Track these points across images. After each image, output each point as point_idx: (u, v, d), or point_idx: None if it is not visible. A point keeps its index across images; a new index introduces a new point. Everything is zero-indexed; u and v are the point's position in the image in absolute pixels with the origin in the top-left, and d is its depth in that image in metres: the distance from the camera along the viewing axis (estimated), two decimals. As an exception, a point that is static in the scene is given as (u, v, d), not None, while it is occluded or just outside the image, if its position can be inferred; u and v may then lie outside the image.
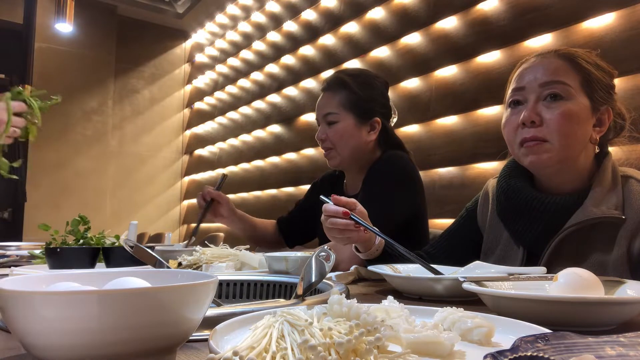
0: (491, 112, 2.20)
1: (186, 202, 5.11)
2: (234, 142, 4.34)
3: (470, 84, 2.31)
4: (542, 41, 2.02)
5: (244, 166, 4.17)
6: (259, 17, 4.03)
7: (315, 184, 1.81)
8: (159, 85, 5.05)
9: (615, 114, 1.02)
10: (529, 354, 0.34)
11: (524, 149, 1.00)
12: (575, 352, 0.36)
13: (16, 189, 3.62)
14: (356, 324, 0.39)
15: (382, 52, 2.83)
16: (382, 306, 0.56)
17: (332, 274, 1.08)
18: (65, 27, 2.85)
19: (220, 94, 4.57)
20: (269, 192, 3.81)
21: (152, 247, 1.29)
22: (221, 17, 4.57)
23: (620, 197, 0.95)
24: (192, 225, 4.97)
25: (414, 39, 2.62)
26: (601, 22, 1.83)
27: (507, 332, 0.52)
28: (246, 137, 4.16)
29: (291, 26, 3.64)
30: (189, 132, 5.14)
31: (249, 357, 0.35)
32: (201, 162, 4.85)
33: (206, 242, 1.52)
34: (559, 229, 0.96)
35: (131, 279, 0.46)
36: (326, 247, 0.69)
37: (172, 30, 5.09)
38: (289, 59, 3.66)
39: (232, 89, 4.39)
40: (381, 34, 2.83)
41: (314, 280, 0.65)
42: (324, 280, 0.73)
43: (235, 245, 1.31)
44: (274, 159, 3.79)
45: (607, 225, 0.94)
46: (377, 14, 2.88)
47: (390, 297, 0.60)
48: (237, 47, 4.34)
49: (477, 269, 0.88)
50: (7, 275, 0.91)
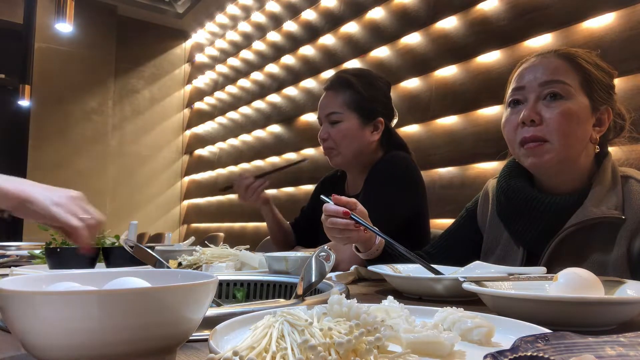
0: (491, 112, 2.20)
1: (186, 202, 5.11)
2: (234, 142, 4.34)
3: (470, 84, 2.31)
4: (542, 41, 2.02)
5: (244, 166, 4.17)
6: (259, 17, 4.03)
7: (317, 187, 1.81)
8: (159, 85, 5.05)
9: (615, 114, 1.02)
10: (529, 354, 0.34)
11: (525, 150, 1.00)
12: (575, 352, 0.36)
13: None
14: (356, 324, 0.39)
15: (382, 52, 2.83)
16: (382, 306, 0.56)
17: (332, 274, 1.08)
18: (65, 27, 2.84)
19: (220, 94, 4.57)
20: (268, 192, 3.81)
21: (152, 247, 1.29)
22: (221, 17, 4.57)
23: (620, 197, 0.95)
24: (193, 225, 4.97)
25: (414, 39, 2.62)
26: (601, 22, 1.83)
27: (507, 332, 0.52)
28: (246, 137, 4.16)
29: (291, 26, 3.64)
30: (189, 132, 5.14)
31: (249, 357, 0.35)
32: (201, 162, 4.85)
33: (206, 242, 1.52)
34: (559, 229, 0.96)
35: (131, 279, 0.46)
36: (326, 247, 0.69)
37: (172, 30, 5.10)
38: (289, 59, 3.66)
39: (232, 89, 4.39)
40: (381, 34, 2.83)
41: (314, 280, 0.65)
42: (324, 280, 0.73)
43: (235, 245, 1.31)
44: (274, 159, 3.79)
45: (607, 225, 0.94)
46: (377, 14, 2.88)
47: (390, 297, 0.60)
48: (237, 47, 4.34)
49: (477, 269, 0.88)
50: (7, 275, 0.91)
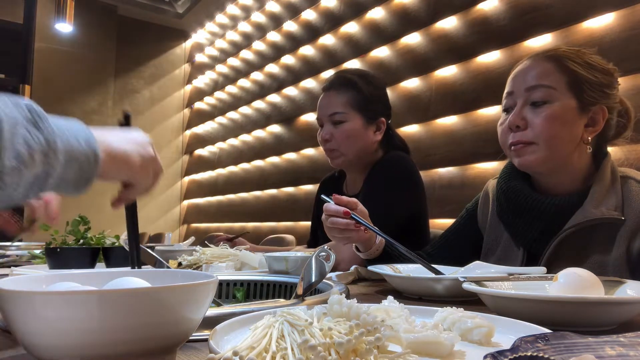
0: (491, 112, 2.20)
1: (186, 202, 5.11)
2: (234, 142, 4.34)
3: (470, 84, 2.31)
4: (542, 41, 2.02)
5: (244, 166, 4.17)
6: (259, 17, 4.03)
7: (318, 190, 1.81)
8: (159, 85, 5.05)
9: (616, 113, 1.02)
10: (529, 354, 0.34)
11: (513, 152, 1.02)
12: (575, 352, 0.36)
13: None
14: (356, 324, 0.39)
15: (382, 52, 2.83)
16: (382, 306, 0.56)
17: (332, 274, 1.08)
18: (65, 27, 2.84)
19: (220, 94, 4.57)
20: (268, 192, 3.81)
21: (152, 247, 1.29)
22: (221, 17, 4.57)
23: (619, 197, 0.95)
24: (193, 225, 4.97)
25: (414, 39, 2.62)
26: (601, 22, 1.83)
27: (507, 332, 0.52)
28: (246, 137, 4.16)
29: (291, 26, 3.64)
30: (189, 132, 5.14)
31: (249, 357, 0.35)
32: (201, 162, 4.85)
33: (206, 242, 1.52)
34: (559, 230, 0.96)
35: (131, 279, 0.46)
36: (326, 247, 0.69)
37: (172, 30, 5.09)
38: (289, 59, 3.66)
39: (232, 89, 4.39)
40: (381, 34, 2.83)
41: (314, 280, 0.65)
42: (324, 280, 0.73)
43: (234, 245, 1.31)
44: (274, 159, 3.79)
45: (607, 226, 0.94)
46: (377, 14, 2.88)
47: (390, 297, 0.60)
48: (237, 47, 4.34)
49: (477, 269, 0.88)
50: (7, 275, 0.91)
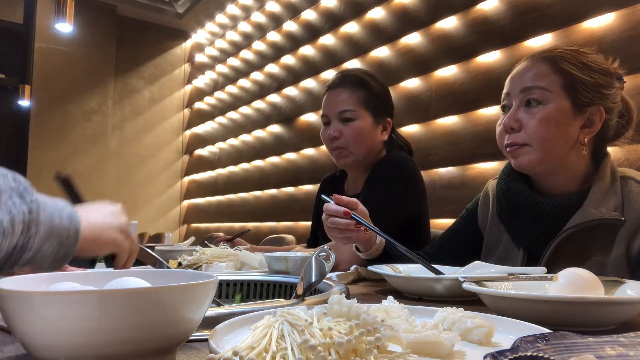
0: (491, 112, 2.20)
1: (186, 202, 5.11)
2: (234, 142, 4.35)
3: (470, 84, 2.31)
4: (542, 41, 2.02)
5: (244, 166, 4.17)
6: (259, 17, 4.03)
7: (319, 190, 1.80)
8: (159, 85, 5.05)
9: (616, 113, 1.01)
10: (529, 354, 0.34)
11: (509, 153, 1.03)
12: (575, 352, 0.36)
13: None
14: (356, 324, 0.39)
15: (382, 52, 2.83)
16: (382, 306, 0.56)
17: (332, 274, 1.08)
18: (65, 27, 2.84)
19: (220, 94, 4.57)
20: (268, 192, 3.82)
21: (152, 247, 1.29)
22: (221, 17, 4.57)
23: (619, 198, 0.95)
24: (193, 225, 4.97)
25: (414, 39, 2.62)
26: (601, 22, 1.83)
27: (507, 332, 0.52)
28: (246, 137, 4.16)
29: (291, 26, 3.64)
30: (189, 132, 5.14)
31: (249, 357, 0.35)
32: (201, 162, 4.85)
33: (206, 242, 1.52)
34: (559, 230, 0.96)
35: (131, 279, 0.46)
36: (326, 247, 0.69)
37: (172, 30, 5.09)
38: (289, 59, 3.66)
39: (232, 89, 4.39)
40: (381, 34, 2.83)
41: (314, 280, 0.65)
42: (324, 280, 0.73)
43: (234, 245, 1.31)
44: (274, 159, 3.79)
45: (607, 226, 0.94)
46: (377, 14, 2.88)
47: (390, 297, 0.60)
48: (237, 47, 4.34)
49: (477, 269, 0.88)
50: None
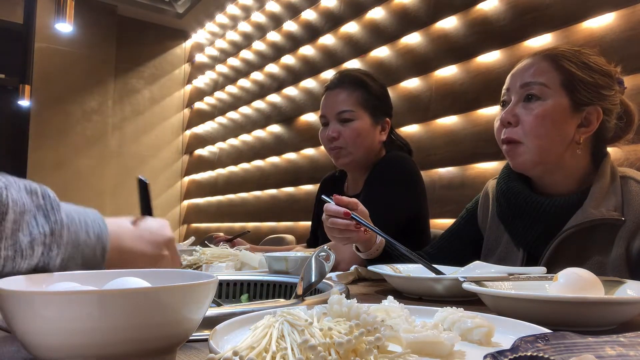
0: (491, 112, 2.20)
1: (186, 202, 5.11)
2: (234, 142, 4.34)
3: (470, 84, 2.31)
4: (542, 41, 2.02)
5: (244, 166, 4.17)
6: (259, 17, 4.03)
7: (318, 190, 1.80)
8: (159, 85, 5.05)
9: (614, 115, 1.01)
10: (529, 354, 0.34)
11: (505, 152, 1.04)
12: (575, 352, 0.36)
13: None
14: (356, 324, 0.39)
15: (382, 52, 2.83)
16: (382, 306, 0.56)
17: (332, 274, 1.08)
18: (65, 27, 2.84)
19: (220, 94, 4.57)
20: (268, 192, 3.81)
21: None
22: (221, 17, 4.57)
23: (619, 198, 0.95)
24: (193, 225, 4.97)
25: (414, 39, 2.62)
26: (601, 22, 1.83)
27: (507, 332, 0.52)
28: (246, 137, 4.16)
29: (291, 26, 3.64)
30: (189, 132, 5.14)
31: (249, 357, 0.35)
32: (201, 162, 4.85)
33: (206, 242, 1.52)
34: (558, 230, 0.96)
35: (131, 279, 0.46)
36: (326, 247, 0.69)
37: (172, 30, 5.09)
38: (289, 59, 3.66)
39: (232, 89, 4.39)
40: (381, 34, 2.83)
41: (314, 280, 0.65)
42: (324, 280, 0.73)
43: (234, 245, 1.31)
44: (274, 159, 3.79)
45: (607, 226, 0.93)
46: (377, 14, 2.88)
47: (390, 297, 0.60)
48: (237, 47, 4.34)
49: (477, 269, 0.88)
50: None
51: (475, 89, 2.28)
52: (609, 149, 1.06)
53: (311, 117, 3.39)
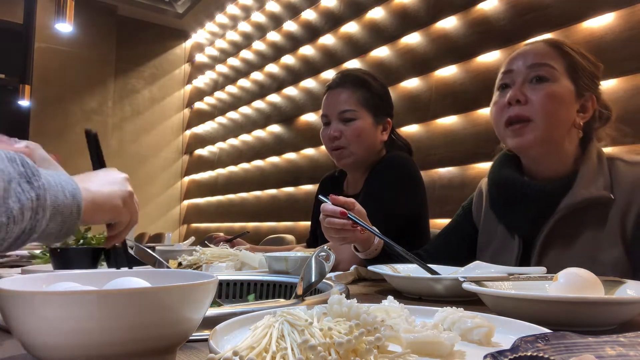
0: (491, 112, 2.20)
1: (186, 202, 5.11)
2: (234, 142, 4.35)
3: (470, 84, 2.31)
4: (542, 41, 2.02)
5: (244, 166, 4.17)
6: (259, 17, 4.03)
7: (318, 190, 1.80)
8: (159, 85, 5.05)
9: (601, 104, 1.05)
10: (529, 354, 0.34)
11: (509, 131, 1.03)
12: (575, 352, 0.36)
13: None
14: (356, 324, 0.39)
15: (382, 52, 2.83)
16: (382, 306, 0.56)
17: (332, 274, 1.08)
18: (65, 27, 2.85)
19: (220, 94, 4.57)
20: (268, 192, 3.81)
21: (152, 247, 1.29)
22: (221, 17, 4.57)
23: (607, 177, 0.98)
24: (193, 225, 4.98)
25: (414, 39, 2.62)
26: (601, 22, 1.83)
27: (507, 332, 0.52)
28: (246, 137, 4.16)
29: (291, 26, 3.64)
30: (189, 132, 5.14)
31: (249, 357, 0.35)
32: (201, 162, 4.85)
33: (206, 242, 1.52)
34: (551, 213, 0.98)
35: (131, 279, 0.46)
36: (326, 247, 0.69)
37: (172, 30, 5.09)
38: (289, 59, 3.66)
39: (232, 89, 4.39)
40: (381, 34, 2.83)
41: (314, 280, 0.65)
42: (324, 280, 0.73)
43: (234, 245, 1.31)
44: (274, 159, 3.79)
45: (598, 205, 0.96)
46: (377, 14, 2.88)
47: (390, 297, 0.60)
48: (237, 47, 4.34)
49: (477, 269, 0.88)
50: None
51: (475, 89, 2.28)
52: (607, 150, 1.07)
53: (311, 117, 3.39)
